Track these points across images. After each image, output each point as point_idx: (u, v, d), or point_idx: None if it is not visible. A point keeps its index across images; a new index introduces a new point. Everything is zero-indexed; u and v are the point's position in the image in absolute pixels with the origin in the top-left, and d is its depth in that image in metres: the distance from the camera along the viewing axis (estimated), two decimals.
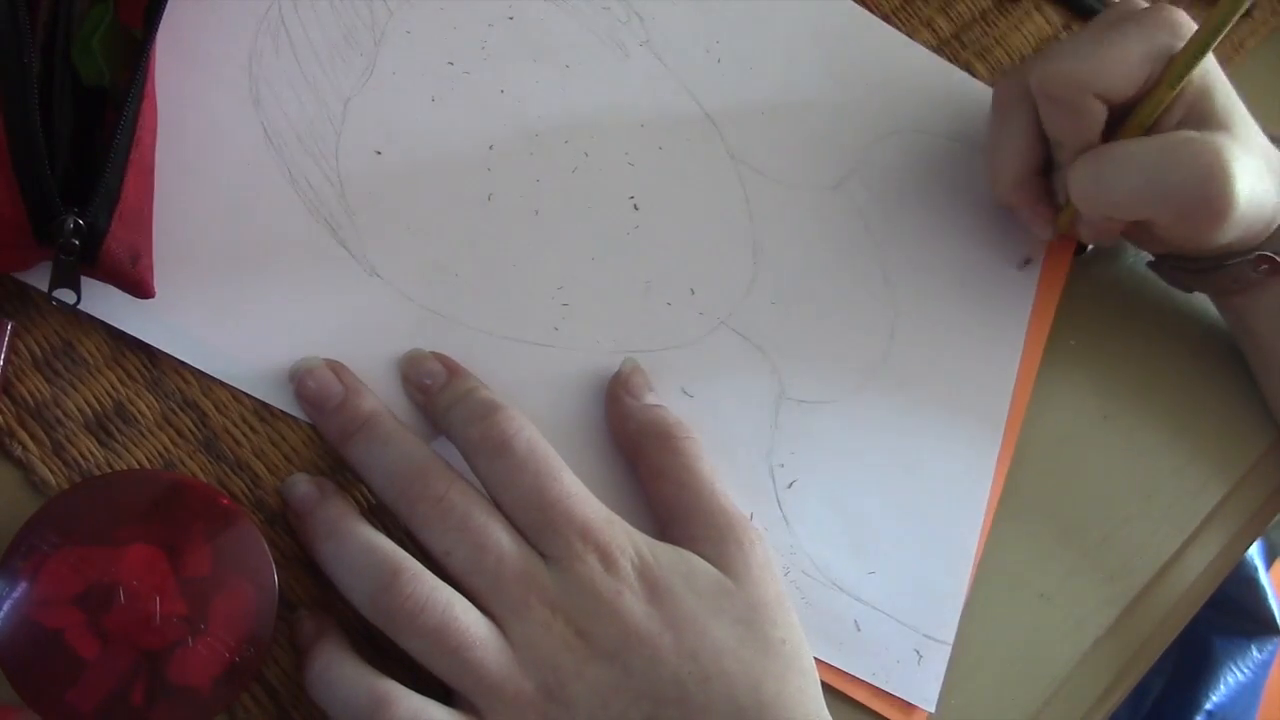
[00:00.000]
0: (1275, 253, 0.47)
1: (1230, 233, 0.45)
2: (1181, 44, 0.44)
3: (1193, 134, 0.44)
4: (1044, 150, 0.47)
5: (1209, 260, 0.48)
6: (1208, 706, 0.84)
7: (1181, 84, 0.44)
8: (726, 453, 0.44)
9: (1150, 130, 0.46)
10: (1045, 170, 0.48)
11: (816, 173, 0.50)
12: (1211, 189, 0.43)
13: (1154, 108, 0.45)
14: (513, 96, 0.46)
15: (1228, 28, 0.42)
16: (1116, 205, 0.45)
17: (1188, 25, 0.44)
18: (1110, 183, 0.44)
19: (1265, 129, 0.47)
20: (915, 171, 0.51)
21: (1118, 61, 0.44)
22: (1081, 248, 0.52)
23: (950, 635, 0.45)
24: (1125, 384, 0.52)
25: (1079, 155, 0.45)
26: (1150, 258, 0.52)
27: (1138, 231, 0.48)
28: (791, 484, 0.45)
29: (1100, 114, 0.45)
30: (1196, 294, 0.52)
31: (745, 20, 0.51)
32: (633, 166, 0.47)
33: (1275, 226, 0.47)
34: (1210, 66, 0.45)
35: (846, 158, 0.50)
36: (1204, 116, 0.45)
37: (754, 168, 0.49)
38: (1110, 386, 0.52)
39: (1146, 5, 0.46)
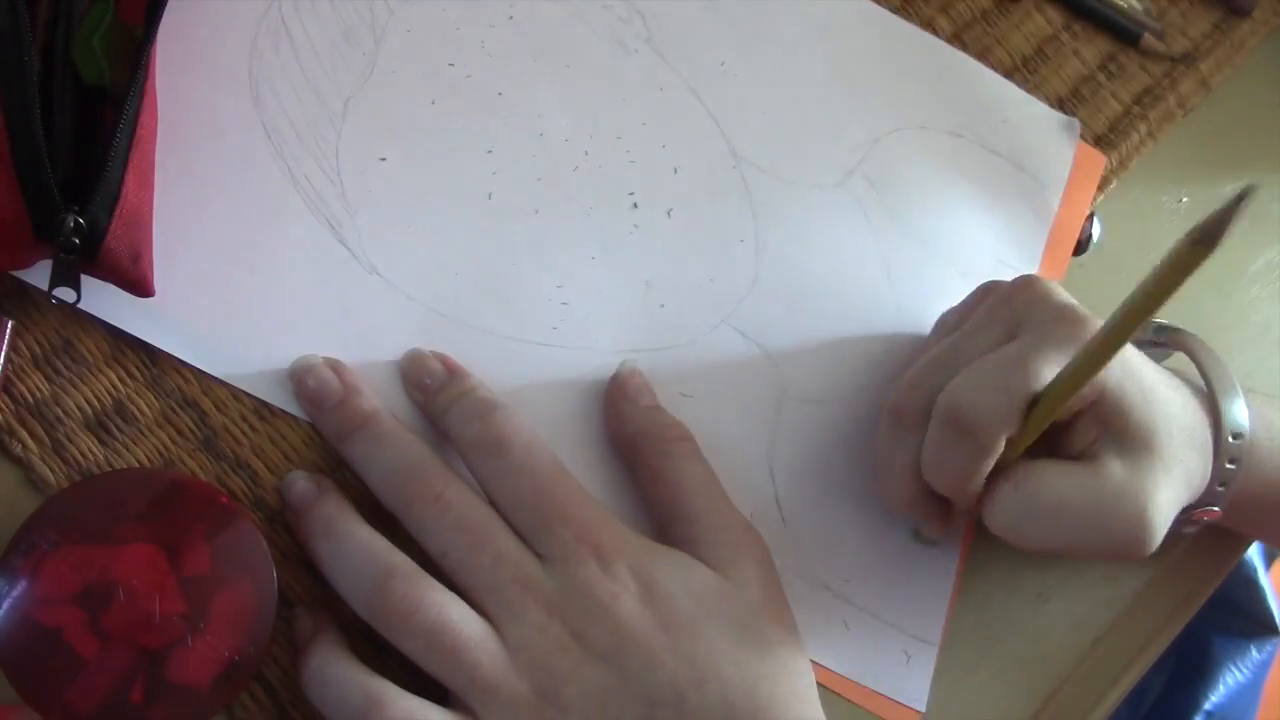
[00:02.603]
0: (1207, 504, 0.43)
1: (1149, 552, 0.41)
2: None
3: (1116, 476, 0.40)
4: None
5: None
6: (1207, 707, 0.84)
7: (1069, 399, 0.39)
8: (725, 452, 0.44)
9: (1060, 447, 0.41)
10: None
11: (819, 170, 0.50)
12: (1135, 542, 0.40)
13: (1028, 438, 0.40)
14: (513, 95, 0.46)
15: (1109, 353, 0.37)
16: (1034, 546, 0.41)
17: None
18: (1029, 527, 0.41)
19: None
20: (917, 168, 0.51)
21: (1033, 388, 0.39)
22: (1080, 248, 0.52)
23: (937, 636, 0.45)
24: None
25: (981, 485, 0.41)
26: None
27: None
28: (790, 484, 0.45)
29: (996, 453, 0.40)
30: (1193, 290, 0.51)
31: (747, 18, 0.51)
32: (634, 165, 0.47)
33: (1201, 492, 0.43)
34: (1122, 382, 0.40)
35: (849, 155, 0.50)
36: (1122, 436, 0.40)
37: (756, 165, 0.49)
38: None
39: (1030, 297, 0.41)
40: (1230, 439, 0.43)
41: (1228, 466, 0.43)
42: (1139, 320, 0.36)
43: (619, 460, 0.43)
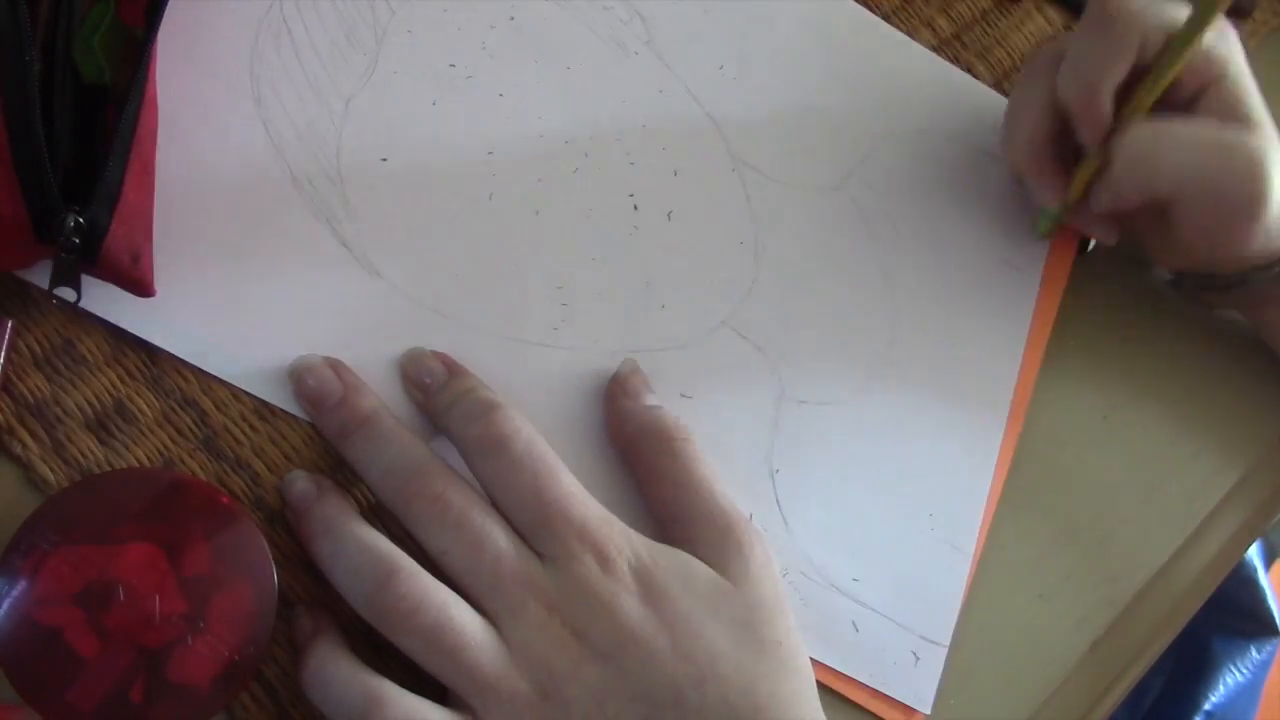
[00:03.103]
0: None
1: (1255, 241, 0.45)
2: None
3: (1244, 138, 0.44)
4: (1060, 120, 0.47)
5: (1231, 277, 0.48)
6: (1206, 707, 0.84)
7: (1182, 60, 0.44)
8: (725, 453, 0.44)
9: (1164, 108, 0.46)
10: (1062, 142, 0.48)
11: (818, 173, 0.50)
12: (1253, 190, 0.44)
13: (1159, 76, 0.44)
14: (514, 97, 0.46)
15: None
16: (1163, 179, 0.45)
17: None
18: (1164, 156, 0.44)
19: None
20: (917, 172, 0.51)
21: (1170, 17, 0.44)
22: (1083, 247, 0.52)
23: (947, 637, 0.45)
24: (1125, 384, 0.52)
25: (1098, 114, 0.45)
26: (1168, 276, 0.52)
27: (1155, 236, 0.48)
28: (790, 485, 0.45)
29: (1129, 63, 0.44)
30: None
31: (747, 21, 0.51)
32: (633, 166, 0.47)
33: None
34: (1242, 68, 0.45)
35: (848, 158, 0.50)
36: (1242, 118, 0.45)
37: (755, 168, 0.49)
38: (1110, 387, 0.52)
39: None
40: None
41: None
42: None
43: (619, 460, 0.43)
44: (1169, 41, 0.44)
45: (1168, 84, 0.45)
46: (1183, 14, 0.44)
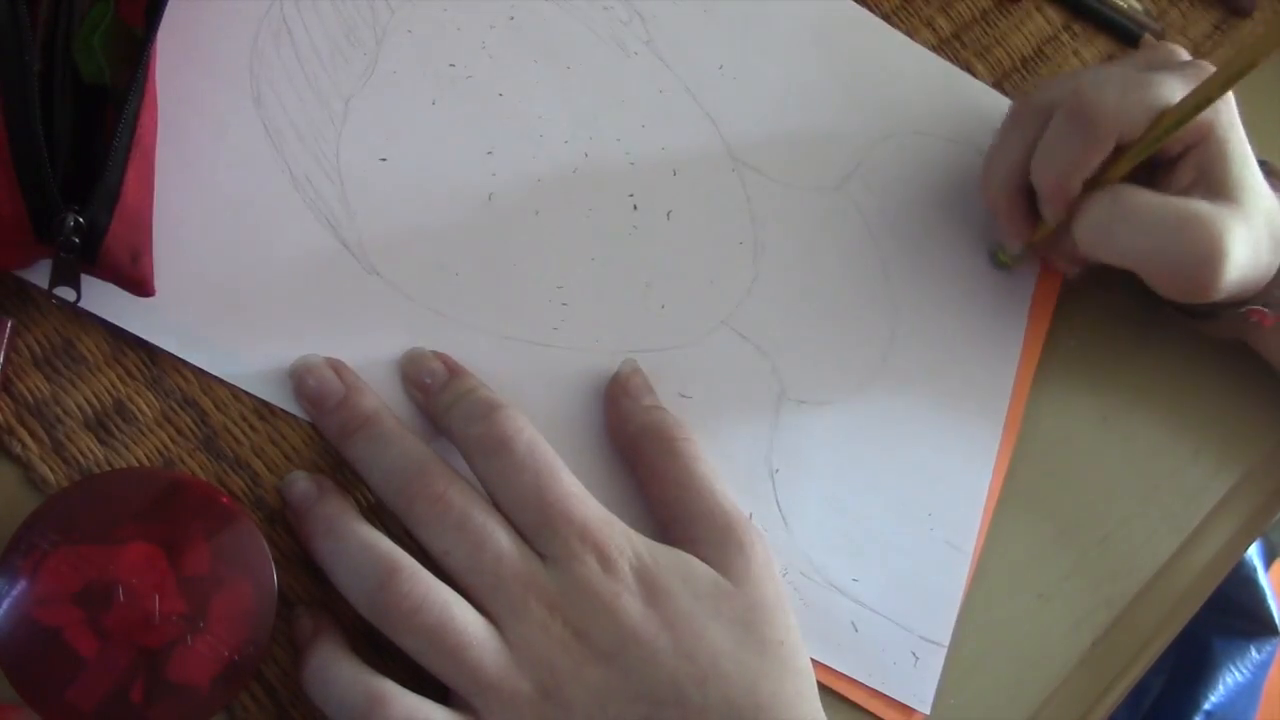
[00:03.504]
0: (1265, 305, 0.48)
1: (1214, 297, 0.46)
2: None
3: (1206, 211, 0.44)
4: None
5: (1204, 308, 0.49)
6: (1206, 707, 0.84)
7: (1173, 133, 0.44)
8: (726, 453, 0.44)
9: (1157, 185, 0.46)
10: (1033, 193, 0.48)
11: (817, 173, 0.50)
12: (1205, 269, 0.44)
13: (1139, 154, 0.45)
14: (514, 96, 0.46)
15: (1229, 87, 0.42)
16: (1117, 253, 0.46)
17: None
18: (1119, 231, 0.45)
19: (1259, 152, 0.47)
20: (916, 172, 0.51)
21: (1155, 105, 0.44)
22: None
23: (946, 637, 0.45)
24: (1124, 385, 0.52)
25: (1060, 197, 0.45)
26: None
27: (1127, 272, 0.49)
28: (790, 485, 0.45)
29: (1107, 152, 0.45)
30: None
31: (747, 21, 0.51)
32: (633, 166, 0.47)
33: (1265, 282, 0.47)
34: (1230, 130, 0.46)
35: (847, 158, 0.50)
36: (1216, 184, 0.45)
37: (755, 168, 0.49)
38: (1109, 387, 0.52)
39: (1187, 58, 0.47)
40: None
41: None
42: (1261, 56, 0.41)
43: (620, 460, 0.43)
44: (1159, 118, 0.44)
45: (1145, 157, 0.45)
46: (1166, 91, 0.44)
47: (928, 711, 0.45)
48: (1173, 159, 0.46)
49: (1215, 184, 0.45)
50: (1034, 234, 0.48)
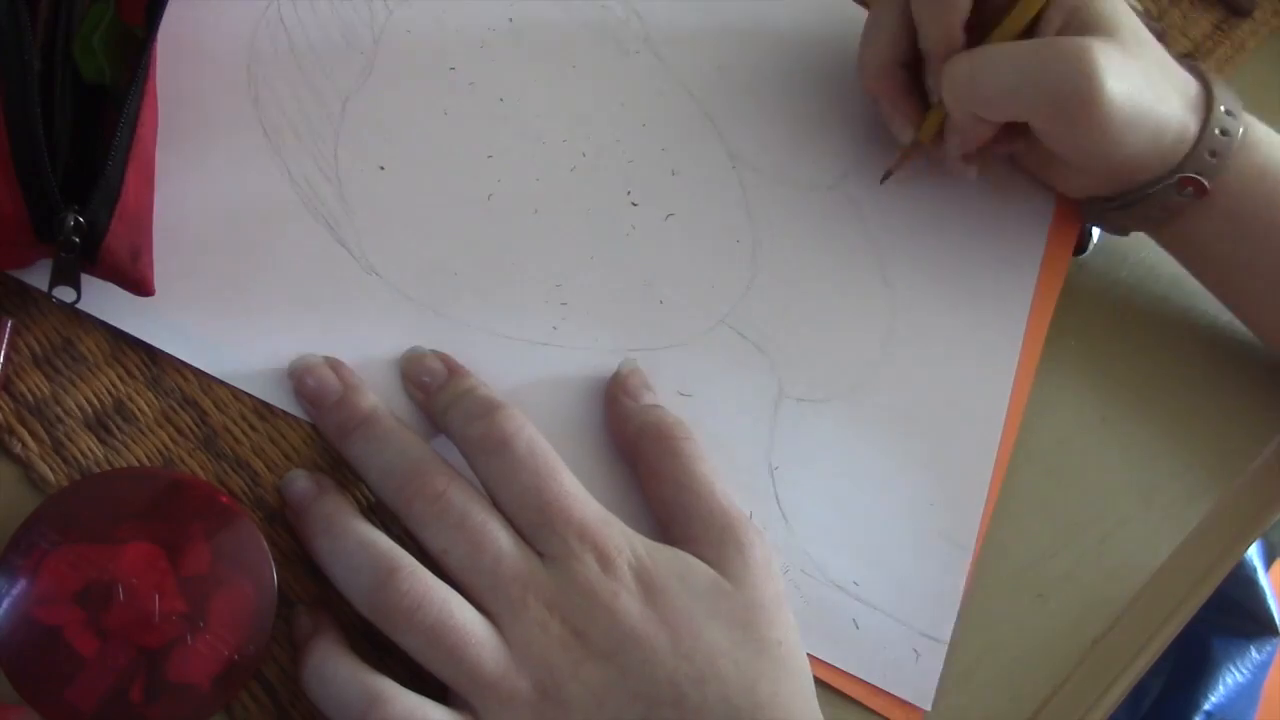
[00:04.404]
0: (1196, 172, 0.46)
1: (1119, 137, 0.44)
2: None
3: (1066, 37, 0.44)
4: (912, 44, 0.47)
5: (1132, 193, 0.48)
6: (1206, 707, 0.84)
7: None
8: (725, 451, 0.44)
9: (1026, 37, 0.46)
10: (915, 70, 0.48)
11: (815, 171, 0.50)
12: (1080, 83, 0.43)
13: (1025, 10, 0.45)
14: (512, 95, 0.46)
15: None
16: (988, 103, 0.45)
17: None
18: (982, 80, 0.44)
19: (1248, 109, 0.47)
20: (914, 168, 0.51)
21: None
22: (1080, 248, 0.52)
23: (947, 634, 0.45)
24: (1124, 385, 0.52)
25: (940, 50, 0.45)
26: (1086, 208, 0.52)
27: (1034, 161, 0.49)
28: (790, 483, 0.45)
29: (965, 5, 0.44)
30: (1198, 298, 0.52)
31: (744, 19, 0.51)
32: (631, 165, 0.47)
33: (1189, 145, 0.46)
34: None
35: (845, 156, 0.50)
36: (1085, 23, 0.45)
37: (753, 166, 0.49)
38: (1109, 387, 0.52)
39: None
40: (1223, 110, 0.46)
41: (1218, 134, 0.46)
42: None
43: (619, 459, 0.43)
44: None
45: (1025, 18, 0.45)
46: None
47: (929, 707, 0.45)
48: (1036, 14, 0.46)
49: (1084, 24, 0.45)
50: (922, 120, 0.48)
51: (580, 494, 0.39)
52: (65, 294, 0.37)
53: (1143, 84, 0.44)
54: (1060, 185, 0.51)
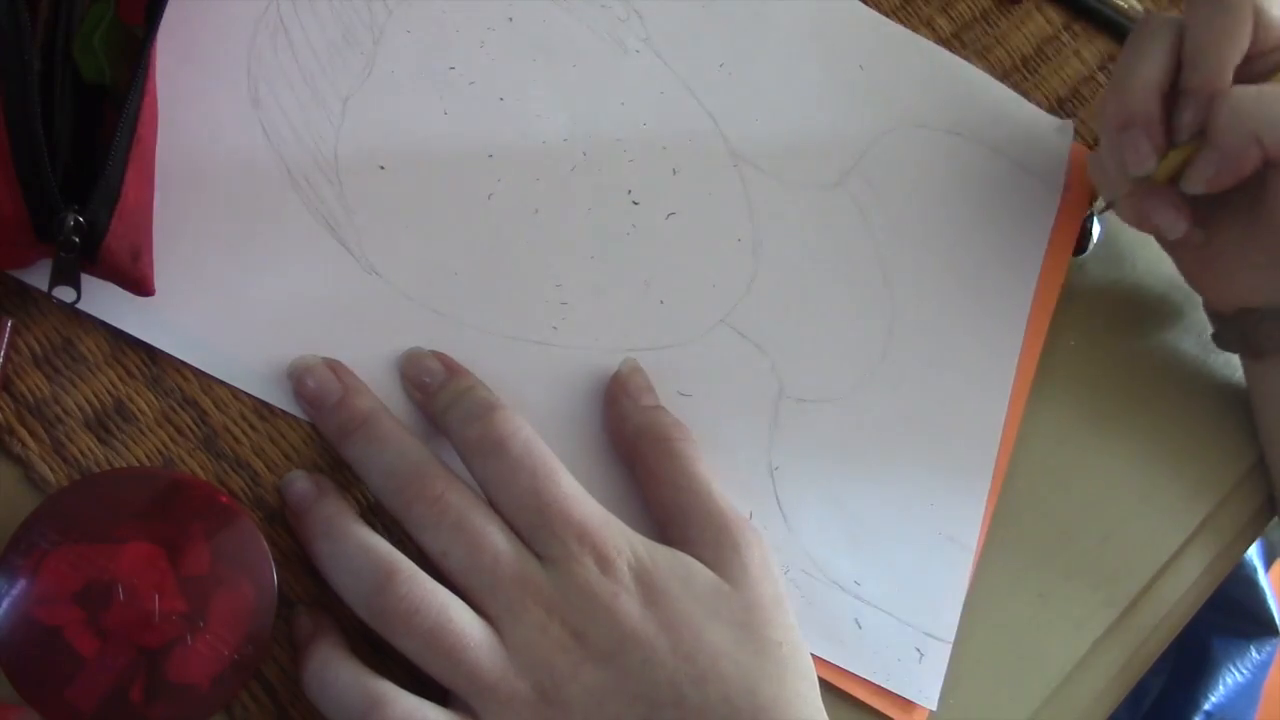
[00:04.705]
0: None
1: None
2: None
3: None
4: (1174, 75, 0.46)
5: None
6: (1206, 707, 0.83)
7: None
8: (725, 451, 0.44)
9: None
10: (1167, 105, 0.47)
11: (817, 170, 0.50)
12: None
13: None
14: (512, 95, 0.46)
15: None
16: (1267, 134, 0.44)
17: None
18: (1267, 111, 0.44)
19: None
20: (916, 167, 0.51)
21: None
22: (1080, 248, 0.52)
23: (951, 633, 0.45)
24: (1124, 385, 0.52)
25: (1209, 84, 0.45)
26: (1213, 328, 0.51)
27: (1203, 246, 0.48)
28: (790, 483, 0.45)
29: (1247, 37, 0.45)
30: (1198, 298, 0.52)
31: (745, 17, 0.51)
32: (632, 164, 0.47)
33: None
34: None
35: (847, 154, 0.50)
36: None
37: (754, 165, 0.49)
38: (1109, 387, 0.52)
39: None
40: None
41: None
42: None
43: (619, 460, 0.43)
44: None
45: None
46: None
47: (934, 707, 0.45)
48: None
49: None
50: (1166, 156, 0.47)
51: (579, 495, 0.39)
52: (65, 294, 0.37)
53: None
54: (1216, 287, 0.50)
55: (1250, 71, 0.46)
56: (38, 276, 0.38)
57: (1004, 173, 0.52)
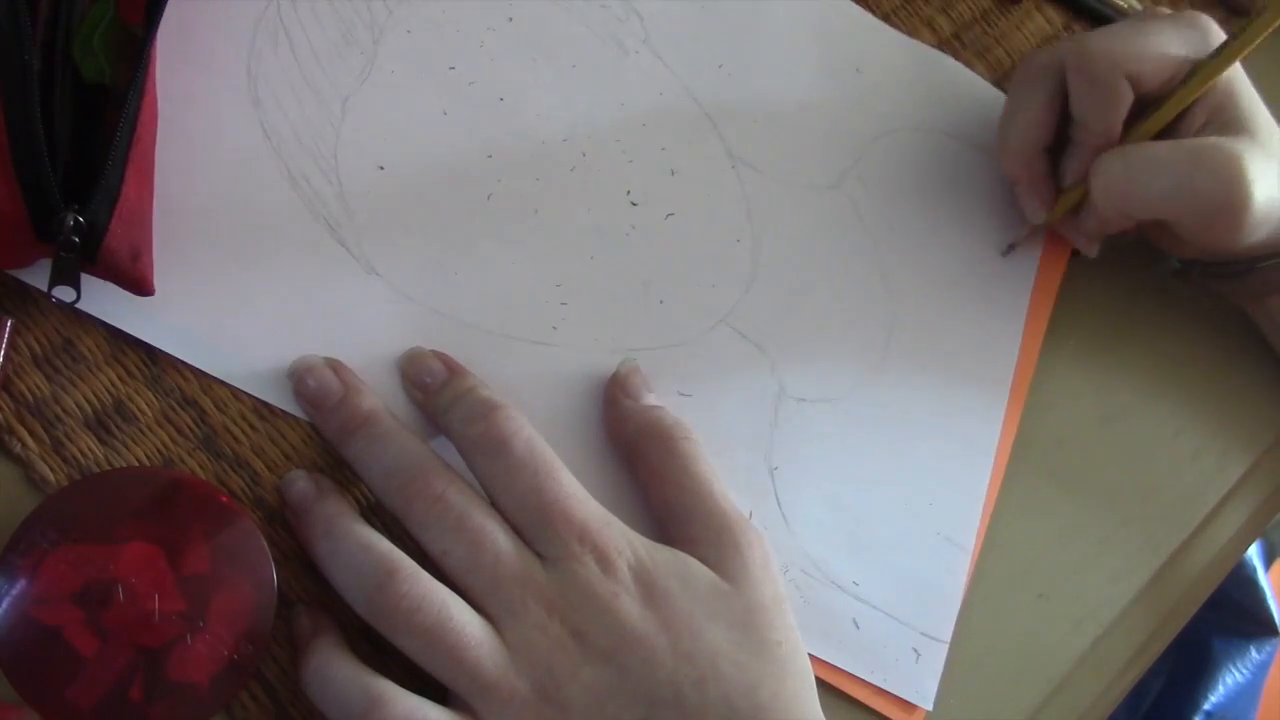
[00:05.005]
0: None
1: (1250, 236, 0.46)
2: (1211, 48, 0.45)
3: (1218, 140, 0.45)
4: (1055, 128, 0.48)
5: (1239, 264, 0.49)
6: (1206, 707, 0.84)
7: (1204, 88, 0.45)
8: (725, 451, 0.44)
9: (1170, 133, 0.47)
10: (1053, 152, 0.49)
11: (815, 171, 0.50)
12: (1231, 195, 0.44)
13: (1175, 107, 0.46)
14: (512, 96, 0.46)
15: (1259, 40, 0.43)
16: (1142, 204, 0.46)
17: (1218, 33, 0.46)
18: (1139, 181, 0.45)
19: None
20: (913, 169, 0.51)
21: (1155, 49, 0.45)
22: None
23: (948, 633, 0.45)
24: (1124, 385, 0.52)
25: (1098, 141, 0.46)
26: (1176, 265, 0.52)
27: (1155, 232, 0.49)
28: (790, 483, 0.45)
29: (1127, 98, 0.45)
30: (1197, 298, 0.52)
31: (744, 19, 0.51)
32: (631, 165, 0.47)
33: None
34: (1235, 73, 0.46)
35: (845, 156, 0.50)
36: (1228, 123, 0.46)
37: (752, 166, 0.49)
38: (1109, 387, 0.52)
39: (1172, 12, 0.47)
40: None
41: None
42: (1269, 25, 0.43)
43: (619, 460, 0.43)
44: (1194, 69, 0.45)
45: (1174, 114, 0.46)
46: (1163, 37, 0.45)
47: (930, 707, 0.45)
48: (1201, 126, 0.47)
49: (1227, 123, 0.46)
50: (1055, 203, 0.49)
51: (580, 494, 0.39)
52: (65, 294, 0.37)
53: (1277, 182, 0.45)
54: (1166, 248, 0.51)
55: (1184, 126, 0.47)
56: (38, 276, 0.38)
57: (1000, 174, 0.52)
